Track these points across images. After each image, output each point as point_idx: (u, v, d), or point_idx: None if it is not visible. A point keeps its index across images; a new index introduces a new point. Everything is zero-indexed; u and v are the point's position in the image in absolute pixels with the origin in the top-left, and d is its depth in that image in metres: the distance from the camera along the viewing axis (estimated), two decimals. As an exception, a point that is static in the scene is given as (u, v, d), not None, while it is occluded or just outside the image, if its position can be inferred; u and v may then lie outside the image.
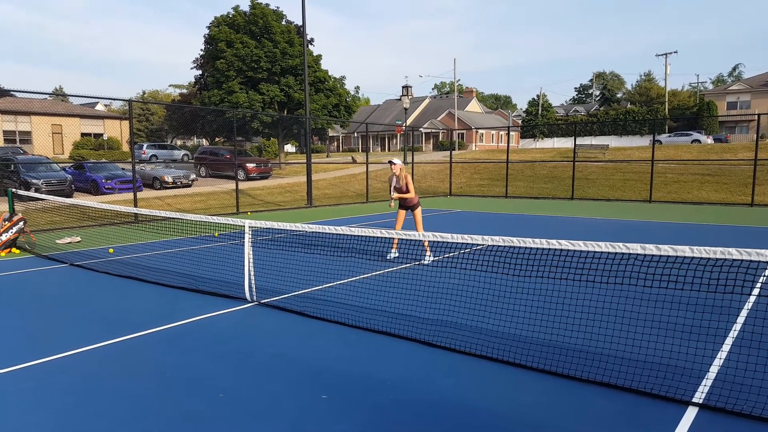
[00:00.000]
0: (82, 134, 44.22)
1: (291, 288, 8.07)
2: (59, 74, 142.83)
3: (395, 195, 10.53)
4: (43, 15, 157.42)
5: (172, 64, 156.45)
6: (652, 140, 27.72)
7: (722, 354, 5.31)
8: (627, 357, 5.22)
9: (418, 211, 10.56)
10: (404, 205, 10.64)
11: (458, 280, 8.32)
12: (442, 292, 7.70)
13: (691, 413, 4.16)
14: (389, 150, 74.50)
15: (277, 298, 7.59)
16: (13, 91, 14.91)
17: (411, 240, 11.01)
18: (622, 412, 4.18)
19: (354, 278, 8.75)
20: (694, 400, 4.33)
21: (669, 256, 4.44)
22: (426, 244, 10.30)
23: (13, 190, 12.52)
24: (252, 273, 7.51)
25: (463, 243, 5.40)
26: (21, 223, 11.69)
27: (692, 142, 45.52)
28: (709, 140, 47.21)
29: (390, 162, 10.64)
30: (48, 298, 7.77)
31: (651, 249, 4.48)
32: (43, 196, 13.25)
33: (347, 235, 6.34)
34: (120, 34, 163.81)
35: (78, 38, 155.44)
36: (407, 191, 10.44)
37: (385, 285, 8.16)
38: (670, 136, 50.00)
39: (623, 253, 4.66)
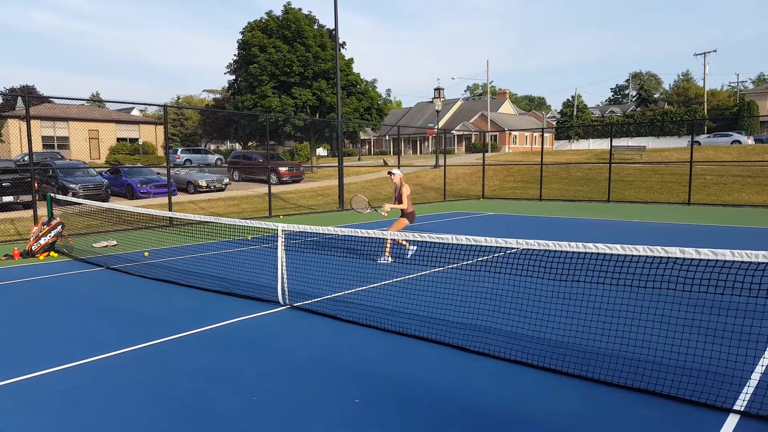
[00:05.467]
0: (118, 139, 45.15)
1: (323, 291, 8.09)
2: (96, 80, 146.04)
3: (387, 207, 10.80)
4: (79, 22, 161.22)
5: (206, 69, 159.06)
6: (690, 141, 27.18)
7: (764, 360, 5.16)
8: (666, 363, 5.10)
9: (404, 220, 10.71)
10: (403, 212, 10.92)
11: (492, 284, 8.24)
12: (476, 296, 7.63)
13: (732, 421, 4.05)
14: (421, 153, 74.40)
15: (309, 301, 7.60)
16: (51, 97, 15.23)
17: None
18: (661, 420, 4.09)
19: (386, 281, 8.73)
20: (735, 407, 4.21)
21: (709, 260, 4.33)
22: (388, 245, 10.51)
23: (52, 194, 12.78)
24: (285, 276, 7.54)
25: (496, 246, 5.33)
26: (59, 227, 11.94)
27: (732, 143, 44.52)
28: (750, 141, 46.09)
29: (389, 172, 11.01)
30: (86, 301, 7.91)
31: (690, 252, 4.37)
32: (80, 200, 13.49)
33: (379, 238, 6.32)
34: (155, 40, 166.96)
35: (114, 45, 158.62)
36: (401, 202, 10.71)
37: (417, 289, 8.12)
38: (709, 137, 48.96)
39: (662, 257, 4.55)
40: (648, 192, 26.49)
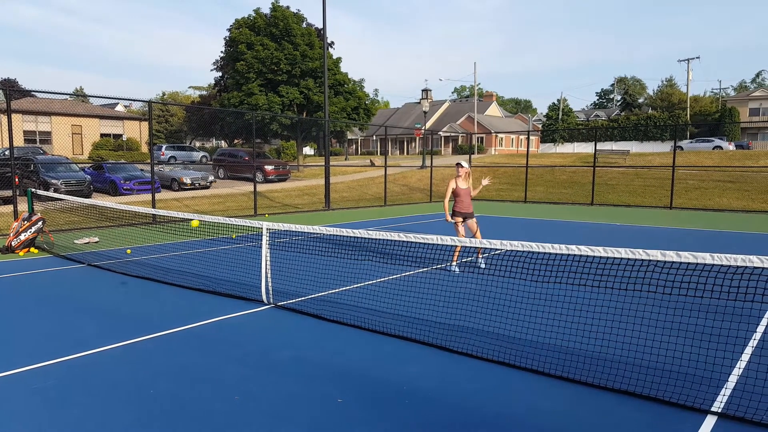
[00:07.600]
0: (102, 135, 44.60)
1: (308, 291, 8.08)
2: (80, 75, 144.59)
3: (457, 218, 10.02)
4: (63, 17, 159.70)
5: (192, 65, 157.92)
6: (673, 146, 27.44)
7: (742, 363, 5.23)
8: (646, 365, 5.16)
9: (475, 221, 10.15)
10: (463, 212, 10.05)
11: (476, 285, 8.27)
12: (460, 297, 7.66)
13: (710, 422, 4.10)
14: (408, 153, 74.44)
15: (293, 300, 7.60)
16: (33, 91, 15.06)
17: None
18: (641, 421, 4.13)
19: (371, 281, 8.73)
20: (713, 408, 4.27)
21: (689, 263, 4.38)
22: (479, 249, 10.10)
23: (33, 189, 12.66)
24: (269, 275, 7.53)
25: (481, 248, 5.36)
26: (40, 223, 11.81)
27: (714, 148, 45.04)
28: (731, 147, 46.70)
29: (458, 164, 10.24)
30: (66, 298, 7.84)
31: (671, 256, 4.42)
32: (61, 196, 13.38)
33: (364, 238, 6.33)
34: (141, 35, 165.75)
35: (99, 39, 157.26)
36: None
37: (402, 289, 8.13)
38: (691, 143, 49.57)
39: (643, 260, 4.60)
40: (631, 195, 26.71)
